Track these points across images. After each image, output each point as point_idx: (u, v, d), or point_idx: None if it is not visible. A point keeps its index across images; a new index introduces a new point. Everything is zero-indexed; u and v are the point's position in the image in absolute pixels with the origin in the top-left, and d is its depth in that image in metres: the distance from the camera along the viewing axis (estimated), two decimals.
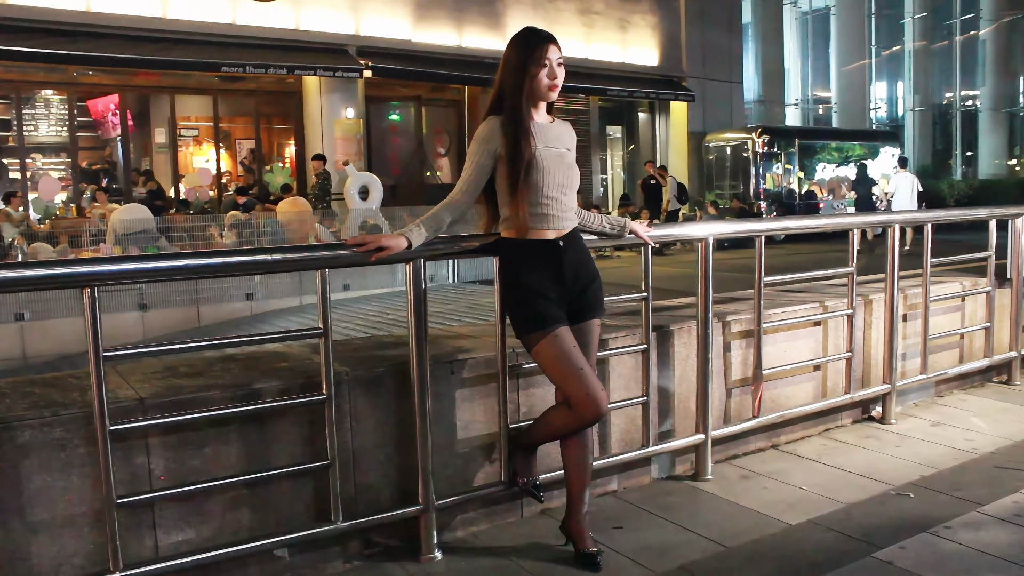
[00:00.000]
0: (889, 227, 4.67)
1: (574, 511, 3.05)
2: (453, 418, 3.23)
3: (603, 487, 3.68)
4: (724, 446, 4.10)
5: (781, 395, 4.32)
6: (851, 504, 3.55)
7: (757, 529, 3.32)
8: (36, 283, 2.53)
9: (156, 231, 11.21)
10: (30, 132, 14.82)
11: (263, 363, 3.14)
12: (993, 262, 5.38)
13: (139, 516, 2.64)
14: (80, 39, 13.00)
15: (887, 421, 4.69)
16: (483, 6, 17.56)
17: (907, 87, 34.84)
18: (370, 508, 3.04)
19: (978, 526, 3.30)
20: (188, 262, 2.69)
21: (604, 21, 19.80)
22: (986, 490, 3.66)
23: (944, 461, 4.06)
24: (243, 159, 17.13)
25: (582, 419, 2.87)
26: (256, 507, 2.85)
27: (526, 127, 2.86)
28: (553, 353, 2.82)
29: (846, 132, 26.47)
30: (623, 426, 3.73)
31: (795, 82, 32.33)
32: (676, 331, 3.89)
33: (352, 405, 3.01)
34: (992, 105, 34.75)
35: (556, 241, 2.92)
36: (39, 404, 2.59)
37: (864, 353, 4.71)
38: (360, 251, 2.80)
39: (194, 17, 14.00)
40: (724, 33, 22.62)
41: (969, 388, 5.41)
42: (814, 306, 4.48)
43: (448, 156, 19.16)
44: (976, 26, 34.61)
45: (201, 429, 2.73)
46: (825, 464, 4.06)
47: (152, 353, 2.97)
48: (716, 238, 3.81)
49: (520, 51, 2.87)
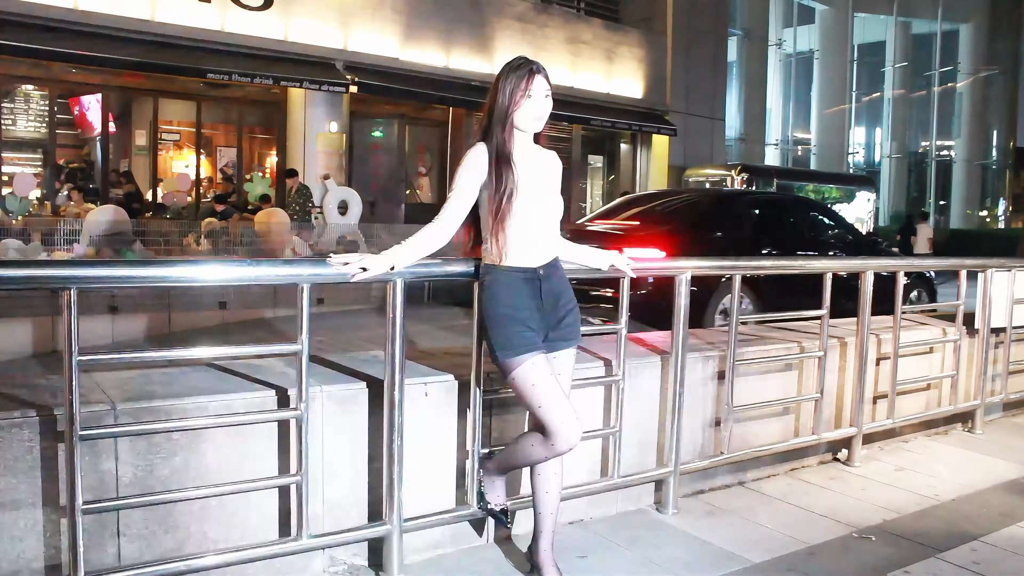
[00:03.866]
0: (862, 272, 4.74)
1: (541, 538, 3.06)
2: (424, 439, 3.23)
3: (570, 515, 3.69)
4: (691, 481, 4.12)
5: (750, 432, 4.35)
6: (814, 545, 3.58)
7: (721, 565, 3.34)
8: (15, 283, 2.50)
9: (132, 234, 11.10)
10: (8, 126, 14.66)
11: (238, 375, 3.13)
12: (962, 312, 5.48)
13: (103, 523, 2.62)
14: (65, 36, 12.90)
15: (852, 463, 4.74)
16: (472, 29, 17.67)
17: (885, 134, 35.47)
18: (337, 525, 3.03)
19: (937, 572, 3.34)
20: (170, 271, 2.68)
21: (591, 51, 19.98)
22: (945, 537, 3.71)
23: (906, 506, 4.12)
24: (223, 167, 17.04)
25: (554, 448, 2.88)
26: (223, 519, 2.83)
27: (508, 155, 2.88)
28: (530, 380, 2.84)
29: (824, 175, 26.80)
30: (592, 456, 3.74)
31: (776, 122, 32.75)
32: (649, 364, 3.93)
33: (324, 421, 3.01)
34: (966, 156, 35.52)
35: (536, 269, 2.94)
36: (8, 405, 2.57)
37: (833, 395, 4.77)
38: (342, 270, 2.81)
39: (182, 21, 13.96)
40: (709, 70, 22.91)
41: (934, 435, 5.48)
42: (786, 346, 4.54)
43: (429, 176, 19.18)
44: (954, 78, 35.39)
45: (172, 438, 2.71)
46: (790, 503, 4.10)
47: (129, 361, 2.95)
48: (694, 273, 3.85)
49: (509, 80, 2.90)
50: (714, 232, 8.19)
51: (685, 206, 9.15)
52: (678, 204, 9.29)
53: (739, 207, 9.14)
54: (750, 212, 9.07)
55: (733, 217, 8.72)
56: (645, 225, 8.15)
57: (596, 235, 8.04)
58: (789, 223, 9.10)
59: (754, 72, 28.09)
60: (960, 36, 35.85)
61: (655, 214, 8.66)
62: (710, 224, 8.36)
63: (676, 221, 8.32)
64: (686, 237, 7.71)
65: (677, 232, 7.81)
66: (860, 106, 35.12)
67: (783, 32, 32.47)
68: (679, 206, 9.15)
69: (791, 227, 9.03)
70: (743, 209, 9.10)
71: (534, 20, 18.82)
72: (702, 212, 8.83)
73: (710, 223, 8.39)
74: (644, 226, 8.11)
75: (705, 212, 8.83)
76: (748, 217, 8.89)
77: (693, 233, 7.95)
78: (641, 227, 8.11)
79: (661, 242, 7.29)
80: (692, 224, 8.26)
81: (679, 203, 9.33)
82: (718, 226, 8.35)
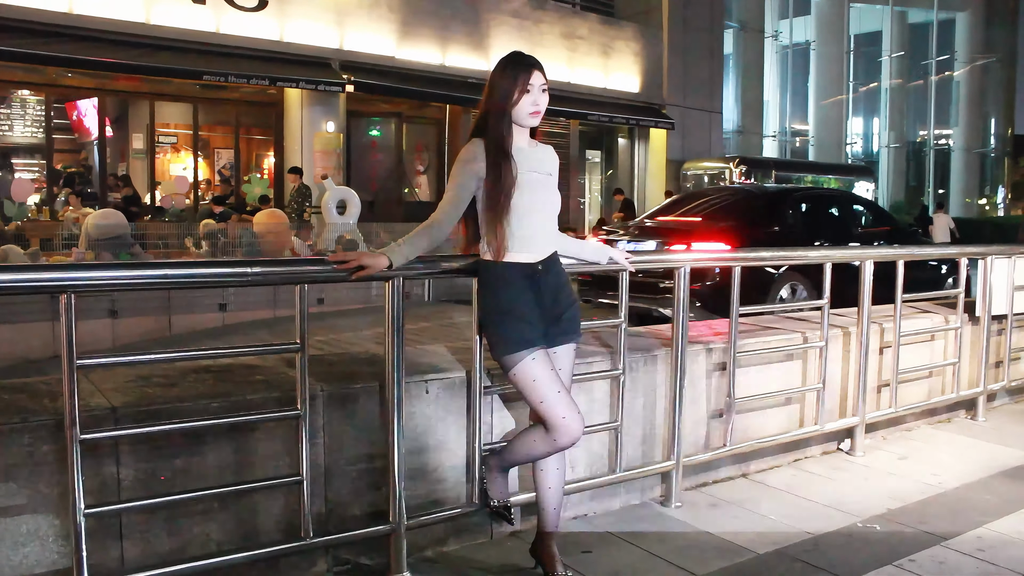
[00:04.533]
0: (861, 262, 4.74)
1: (544, 534, 3.06)
2: (426, 437, 3.23)
3: (573, 511, 3.68)
4: (694, 473, 4.12)
5: (752, 424, 4.35)
6: (818, 535, 3.58)
7: (725, 557, 3.33)
8: (13, 288, 2.49)
9: (130, 237, 11.09)
10: (5, 132, 14.65)
11: (237, 375, 3.12)
12: (963, 299, 5.47)
13: (106, 526, 2.61)
14: (61, 40, 12.90)
15: (855, 453, 4.74)
16: (467, 26, 17.66)
17: (882, 123, 35.46)
18: (340, 525, 3.03)
19: (942, 560, 3.34)
20: (168, 272, 2.67)
21: (587, 46, 19.97)
22: (950, 524, 3.71)
23: (910, 495, 4.11)
24: (221, 168, 17.03)
25: (557, 443, 2.88)
26: (225, 520, 2.82)
27: (507, 150, 2.88)
28: (531, 376, 2.83)
29: (822, 166, 26.82)
30: (595, 451, 3.74)
31: (774, 114, 32.74)
32: (650, 358, 3.92)
33: (326, 421, 3.00)
34: (964, 145, 35.50)
35: (535, 264, 2.93)
36: (7, 410, 2.56)
37: (835, 385, 4.76)
38: (341, 268, 2.80)
39: (177, 24, 13.96)
40: (706, 63, 22.90)
41: (936, 423, 5.48)
42: (787, 337, 4.53)
43: (427, 174, 19.17)
44: (951, 67, 35.38)
45: (172, 440, 2.71)
46: (794, 494, 4.09)
47: (127, 363, 2.94)
48: (693, 266, 3.85)
49: (505, 76, 2.89)
50: (771, 227, 8.76)
51: (743, 203, 9.69)
52: (736, 201, 9.81)
53: (792, 202, 9.61)
54: (802, 207, 9.63)
55: (787, 212, 9.25)
56: (708, 221, 8.73)
57: (661, 231, 8.72)
58: (836, 216, 9.71)
59: (751, 64, 28.08)
60: (956, 24, 35.83)
61: (716, 211, 9.22)
62: (767, 219, 8.93)
63: (736, 217, 8.85)
64: (746, 231, 8.29)
65: (738, 227, 8.39)
66: (857, 96, 35.11)
67: (779, 23, 32.46)
68: (738, 203, 9.68)
69: (838, 219, 9.63)
70: (795, 204, 9.61)
71: (530, 16, 18.81)
72: (759, 208, 9.40)
73: (767, 218, 8.96)
74: (707, 222, 8.69)
75: (762, 208, 9.39)
76: (800, 212, 9.46)
77: (752, 228, 8.52)
78: (704, 223, 8.68)
79: (724, 237, 7.97)
80: (751, 219, 8.84)
81: (737, 200, 9.88)
82: (774, 220, 8.92)
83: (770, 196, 10.29)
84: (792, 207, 9.44)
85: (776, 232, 8.64)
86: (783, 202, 9.57)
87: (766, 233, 8.51)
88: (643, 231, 8.99)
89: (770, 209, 9.29)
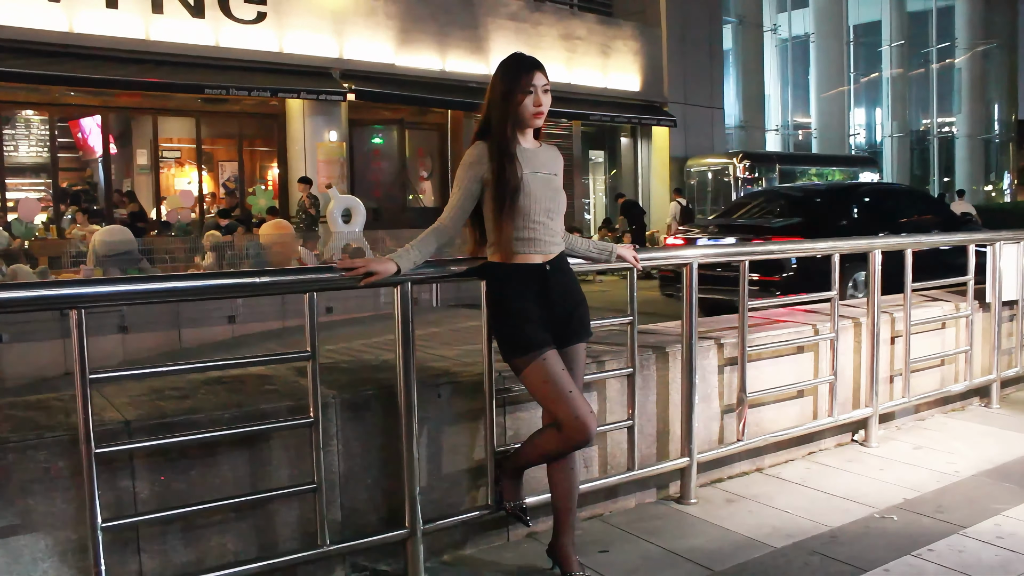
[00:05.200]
0: (870, 252, 4.72)
1: (561, 535, 3.05)
2: (440, 441, 3.23)
3: (589, 510, 3.68)
4: (709, 469, 4.11)
5: (765, 418, 4.34)
6: (836, 527, 3.56)
7: (743, 553, 3.32)
8: (23, 304, 2.50)
9: (138, 253, 11.13)
10: (10, 153, 14.72)
11: (249, 386, 3.13)
12: (972, 287, 5.45)
13: (123, 540, 2.62)
14: (62, 59, 12.96)
15: (870, 444, 4.72)
16: (466, 30, 17.68)
17: (885, 114, 35.34)
18: (357, 532, 3.03)
19: (961, 548, 3.32)
20: (176, 284, 2.68)
21: (586, 46, 19.97)
22: (968, 513, 3.69)
23: (927, 484, 4.09)
24: (225, 181, 17.08)
25: (571, 442, 2.88)
26: (242, 531, 2.83)
27: (512, 152, 2.88)
28: (542, 376, 2.83)
29: (826, 158, 26.75)
30: (608, 449, 3.73)
31: (775, 108, 32.67)
32: (661, 355, 3.91)
33: (339, 428, 3.01)
34: (968, 132, 35.34)
35: (543, 265, 2.93)
36: (23, 426, 2.57)
37: (847, 377, 4.75)
38: (349, 275, 2.81)
39: (177, 39, 14.00)
40: (705, 59, 22.88)
41: (950, 411, 5.45)
42: (798, 330, 4.52)
43: (431, 180, 19.19)
44: (952, 54, 35.25)
45: (187, 452, 2.71)
46: (809, 487, 4.08)
47: (139, 376, 2.95)
48: (701, 262, 3.84)
49: (507, 77, 2.90)
50: (840, 220, 9.46)
51: (812, 200, 10.58)
52: (805, 198, 10.72)
53: (856, 198, 10.37)
54: (865, 201, 10.31)
55: (855, 207, 9.96)
56: (783, 217, 9.64)
57: (741, 228, 9.59)
58: (898, 209, 10.31)
59: (750, 59, 28.01)
60: (956, 11, 35.65)
61: (787, 208, 10.13)
62: (837, 213, 9.67)
63: (806, 213, 9.68)
64: (819, 226, 9.00)
65: (811, 222, 9.20)
66: (859, 87, 35.01)
67: (778, 17, 32.39)
68: (807, 200, 10.57)
69: (900, 212, 10.15)
70: (859, 199, 10.34)
71: (527, 19, 18.82)
72: (829, 204, 10.24)
73: (837, 213, 9.71)
74: (783, 218, 9.60)
75: (832, 204, 10.20)
76: (864, 206, 10.12)
77: (824, 222, 9.25)
78: (780, 219, 9.58)
79: (800, 231, 8.65)
80: (823, 214, 9.67)
81: (806, 197, 10.81)
82: (841, 215, 9.64)
83: (836, 193, 11.26)
84: (856, 202, 10.13)
85: (844, 225, 9.27)
86: (848, 198, 10.33)
87: (835, 227, 9.14)
88: (722, 229, 9.76)
89: (837, 205, 10.03)
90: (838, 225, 9.30)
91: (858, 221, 9.54)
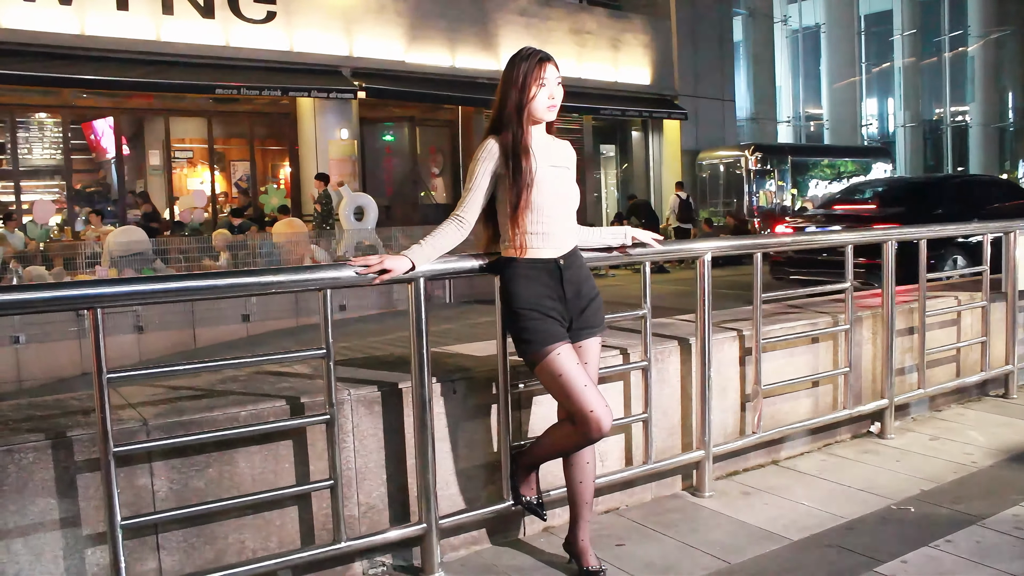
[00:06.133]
0: (885, 242, 4.70)
1: (577, 528, 3.06)
2: (455, 437, 3.24)
3: (605, 504, 3.68)
4: (725, 462, 4.10)
5: (780, 411, 4.33)
6: (852, 519, 3.55)
7: (760, 545, 3.32)
8: (43, 305, 2.53)
9: (152, 253, 11.20)
10: (24, 155, 14.82)
11: (265, 384, 3.14)
12: (988, 276, 5.41)
13: (143, 538, 2.64)
14: (75, 62, 13.04)
15: (886, 436, 4.70)
16: (476, 26, 17.68)
17: (897, 103, 35.15)
18: (373, 527, 3.04)
19: (979, 539, 3.30)
20: (193, 283, 2.69)
21: (596, 40, 19.94)
22: (986, 503, 3.67)
23: (944, 475, 4.08)
24: (238, 181, 17.14)
25: (586, 436, 2.88)
26: (260, 527, 2.85)
27: (526, 146, 2.88)
28: (556, 371, 2.84)
29: (838, 149, 26.63)
30: (624, 443, 3.73)
31: (787, 99, 32.55)
32: (676, 348, 3.91)
33: (355, 425, 3.02)
34: (982, 120, 35.06)
35: (557, 259, 2.93)
36: (42, 426, 2.60)
37: (862, 368, 4.73)
38: (364, 272, 2.81)
39: (188, 40, 14.06)
40: (716, 52, 22.80)
41: (966, 402, 5.42)
42: (812, 322, 4.50)
43: (442, 176, 19.21)
44: (965, 42, 34.96)
45: (204, 450, 2.73)
46: (825, 479, 4.07)
47: (156, 375, 2.97)
48: (715, 254, 3.83)
49: (518, 71, 2.89)
50: (935, 209, 10.28)
51: (910, 190, 11.78)
52: (903, 188, 12.07)
53: (950, 188, 11.60)
54: (958, 192, 11.31)
55: (948, 196, 10.96)
56: (882, 207, 10.52)
57: (842, 218, 10.53)
58: (987, 198, 11.00)
59: (761, 50, 27.90)
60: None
61: (887, 198, 11.09)
62: (931, 203, 10.58)
63: (905, 203, 10.61)
64: (915, 214, 9.54)
65: (908, 211, 9.93)
66: (871, 77, 34.84)
67: (788, 8, 32.26)
68: (905, 190, 11.83)
69: (988, 200, 10.84)
70: (953, 189, 11.51)
71: (537, 13, 18.80)
72: (924, 194, 11.28)
73: (931, 202, 10.67)
74: (881, 208, 10.48)
75: (926, 194, 11.27)
76: (957, 196, 11.02)
77: (920, 211, 9.86)
78: (879, 209, 10.45)
79: (898, 220, 9.22)
80: (918, 204, 10.46)
81: (904, 188, 12.23)
82: (937, 204, 10.55)
83: (932, 184, 12.58)
84: (951, 192, 11.22)
85: (940, 214, 9.99)
86: (943, 188, 11.58)
87: (932, 215, 9.85)
88: (828, 218, 10.73)
89: (933, 194, 11.12)
90: (934, 213, 10.01)
91: (952, 209, 10.16)
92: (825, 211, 11.55)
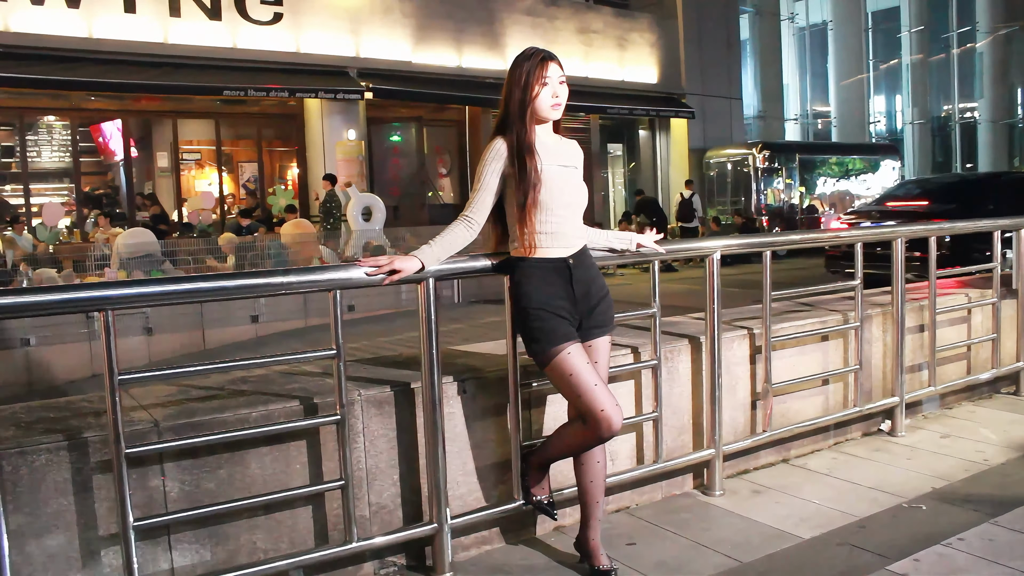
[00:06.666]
0: (893, 239, 4.69)
1: (588, 528, 3.06)
2: (465, 436, 3.24)
3: (616, 503, 3.68)
4: (735, 461, 4.10)
5: (791, 409, 4.32)
6: (864, 518, 3.54)
7: (771, 544, 3.31)
8: (54, 307, 2.54)
9: (160, 255, 11.23)
10: (33, 158, 14.89)
11: (275, 385, 3.15)
12: (998, 273, 5.39)
13: (155, 539, 2.65)
14: (82, 65, 13.08)
15: (897, 434, 4.69)
16: (482, 26, 17.68)
17: (905, 100, 34.98)
18: (384, 527, 3.05)
19: (992, 537, 3.29)
20: (202, 285, 2.70)
21: (602, 39, 19.91)
22: (998, 501, 3.65)
23: (955, 473, 4.06)
24: (246, 182, 17.19)
25: (597, 435, 2.88)
26: (271, 528, 2.85)
27: (530, 145, 2.88)
28: (567, 370, 2.83)
29: (846, 146, 26.52)
30: (634, 442, 3.73)
31: (794, 97, 32.45)
32: (686, 346, 3.90)
33: (365, 425, 3.02)
34: (991, 117, 34.87)
35: (566, 259, 2.93)
36: (54, 428, 2.61)
37: (872, 366, 4.72)
38: (374, 273, 2.82)
39: (195, 41, 14.09)
40: (722, 50, 22.74)
41: (977, 399, 5.40)
42: (822, 320, 4.49)
43: (450, 176, 19.22)
44: (973, 38, 34.78)
45: (215, 451, 2.74)
46: (836, 478, 4.06)
47: (167, 376, 2.97)
48: (724, 253, 3.83)
49: (521, 70, 2.89)
50: (987, 205, 10.44)
51: (962, 187, 12.28)
52: (956, 185, 12.55)
53: (1001, 185, 12.03)
54: (1008, 188, 11.66)
55: (998, 192, 11.35)
56: (935, 204, 10.83)
57: (897, 214, 10.76)
58: None
59: (768, 48, 27.84)
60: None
61: (940, 194, 11.47)
62: (983, 199, 10.84)
63: (958, 199, 10.92)
64: (968, 210, 9.74)
65: (960, 207, 10.20)
66: (878, 74, 34.70)
67: (795, 5, 32.16)
68: (957, 187, 12.27)
69: None
70: (1004, 186, 11.93)
71: (543, 13, 18.79)
72: (976, 191, 11.76)
73: (983, 198, 10.96)
74: (934, 204, 10.80)
75: (978, 190, 11.74)
76: (1007, 192, 11.39)
77: (973, 207, 10.06)
78: (932, 205, 10.80)
79: (954, 214, 9.44)
80: (970, 200, 10.73)
81: (956, 184, 12.73)
82: (989, 200, 10.79)
83: (983, 181, 13.07)
84: (1002, 188, 11.61)
85: (992, 210, 9.96)
86: (994, 185, 12.07)
87: (984, 211, 9.81)
88: (881, 215, 11.16)
89: (985, 191, 11.56)
90: (986, 209, 10.15)
91: (1004, 205, 10.19)
92: (879, 207, 11.92)
